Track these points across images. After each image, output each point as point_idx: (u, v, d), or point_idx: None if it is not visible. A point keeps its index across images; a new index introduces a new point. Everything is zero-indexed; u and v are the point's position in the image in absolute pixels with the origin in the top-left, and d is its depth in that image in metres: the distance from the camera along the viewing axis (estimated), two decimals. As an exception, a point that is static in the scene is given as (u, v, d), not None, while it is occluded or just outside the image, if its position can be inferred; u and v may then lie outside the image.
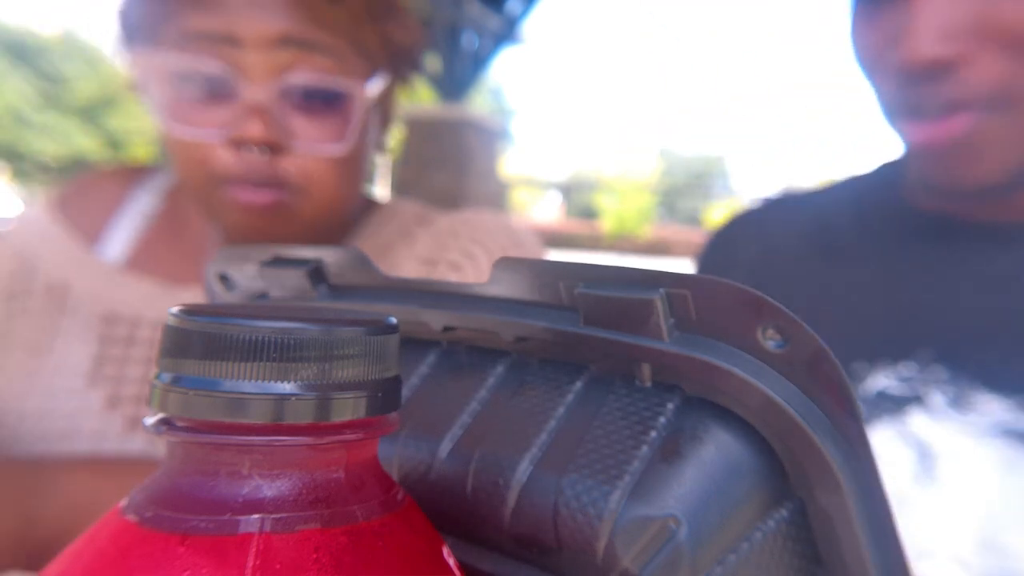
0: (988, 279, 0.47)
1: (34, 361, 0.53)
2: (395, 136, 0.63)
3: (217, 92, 0.48)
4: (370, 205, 0.61)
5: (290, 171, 0.48)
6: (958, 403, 0.44)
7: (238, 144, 0.47)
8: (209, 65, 0.47)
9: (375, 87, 0.50)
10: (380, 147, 0.59)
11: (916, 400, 0.46)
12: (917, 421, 0.45)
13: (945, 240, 0.50)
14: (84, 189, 0.61)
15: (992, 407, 0.43)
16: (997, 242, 0.48)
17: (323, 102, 0.48)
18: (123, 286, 0.56)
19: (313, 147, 0.48)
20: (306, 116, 0.48)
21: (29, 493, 0.45)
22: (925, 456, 0.45)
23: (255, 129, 0.46)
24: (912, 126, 0.45)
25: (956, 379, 0.45)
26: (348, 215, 0.57)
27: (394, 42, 0.52)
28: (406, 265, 0.55)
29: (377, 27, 0.50)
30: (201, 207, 0.52)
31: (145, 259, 0.58)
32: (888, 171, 0.56)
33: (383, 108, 0.56)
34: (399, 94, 0.58)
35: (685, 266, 0.65)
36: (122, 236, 0.59)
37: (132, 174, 0.62)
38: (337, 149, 0.49)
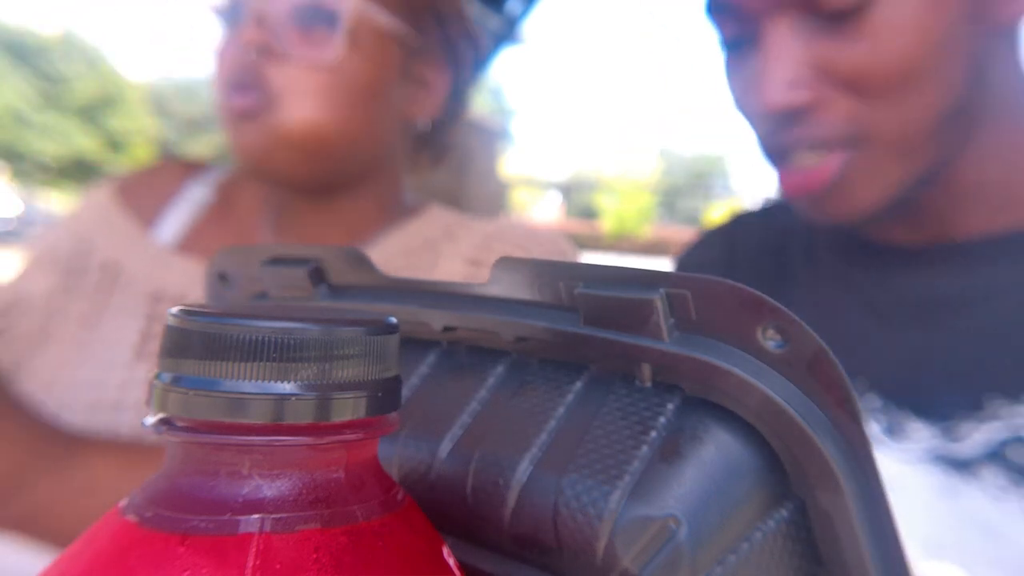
0: (916, 307, 0.48)
1: (86, 334, 0.57)
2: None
3: (237, 20, 0.56)
4: (414, 208, 0.64)
5: (274, 75, 0.54)
6: (892, 431, 0.46)
7: (240, 49, 0.54)
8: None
9: (372, 14, 0.55)
10: (413, 126, 0.62)
11: None
12: None
13: (876, 266, 0.51)
14: (144, 178, 0.66)
15: (923, 434, 0.45)
16: (923, 269, 0.49)
17: (316, 17, 0.54)
18: (172, 267, 0.60)
19: (300, 52, 0.54)
20: (300, 28, 0.54)
21: (55, 461, 0.46)
22: None
23: (251, 31, 0.53)
24: (782, 168, 0.48)
25: (888, 407, 0.47)
26: (343, 161, 0.58)
27: None
28: (450, 263, 0.58)
29: None
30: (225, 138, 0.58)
31: (194, 242, 0.62)
32: None
33: (410, 74, 0.59)
34: (437, 69, 0.61)
35: (685, 266, 0.66)
36: (175, 221, 0.63)
37: (189, 168, 0.67)
38: (320, 58, 0.54)
